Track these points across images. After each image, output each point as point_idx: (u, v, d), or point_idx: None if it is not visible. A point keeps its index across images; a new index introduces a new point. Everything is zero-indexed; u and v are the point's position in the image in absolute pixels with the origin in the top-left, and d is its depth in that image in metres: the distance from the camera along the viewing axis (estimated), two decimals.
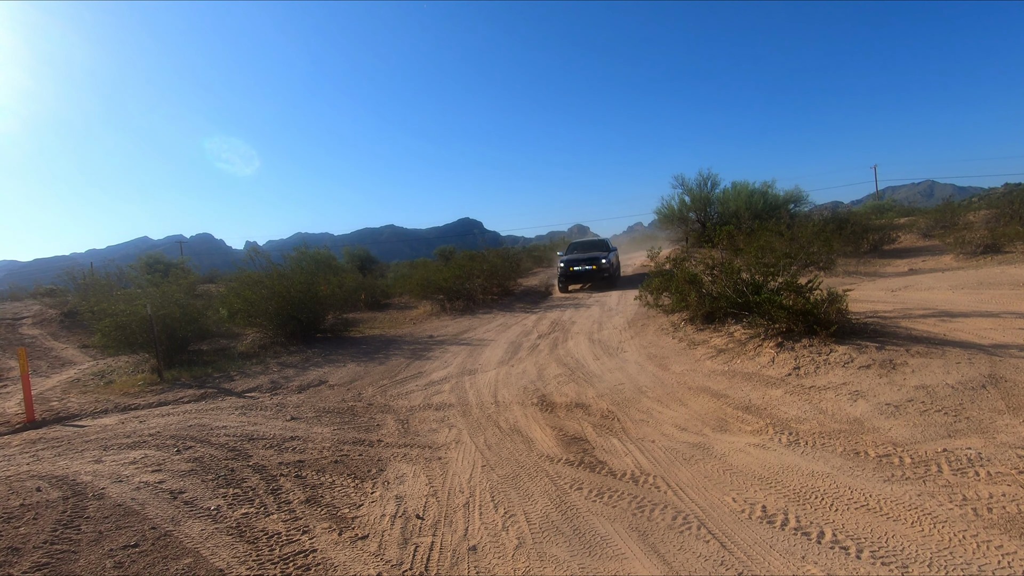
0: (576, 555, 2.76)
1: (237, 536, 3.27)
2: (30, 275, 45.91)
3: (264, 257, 12.45)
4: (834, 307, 6.03)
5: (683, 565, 2.57)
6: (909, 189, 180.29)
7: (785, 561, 2.50)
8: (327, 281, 12.81)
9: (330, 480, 4.06)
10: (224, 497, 3.85)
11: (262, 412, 6.29)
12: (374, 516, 3.42)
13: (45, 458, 5.09)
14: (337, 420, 5.77)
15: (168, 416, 6.48)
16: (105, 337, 9.77)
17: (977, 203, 25.18)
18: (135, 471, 4.47)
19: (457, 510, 3.41)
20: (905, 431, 3.83)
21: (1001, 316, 6.58)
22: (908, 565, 2.40)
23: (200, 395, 7.56)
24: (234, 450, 4.88)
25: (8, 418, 7.12)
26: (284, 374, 8.57)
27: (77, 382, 9.31)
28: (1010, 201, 17.61)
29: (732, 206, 20.04)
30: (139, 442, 5.34)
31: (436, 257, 28.04)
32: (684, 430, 4.52)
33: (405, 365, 8.65)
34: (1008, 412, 3.86)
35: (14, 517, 3.70)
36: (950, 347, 5.25)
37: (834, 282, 10.21)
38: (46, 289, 23.42)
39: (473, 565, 2.77)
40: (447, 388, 6.85)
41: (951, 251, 14.35)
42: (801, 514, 2.91)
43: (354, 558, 2.93)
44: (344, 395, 6.99)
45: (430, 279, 15.94)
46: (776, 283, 6.68)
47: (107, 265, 17.00)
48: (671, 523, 2.96)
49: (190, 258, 35.23)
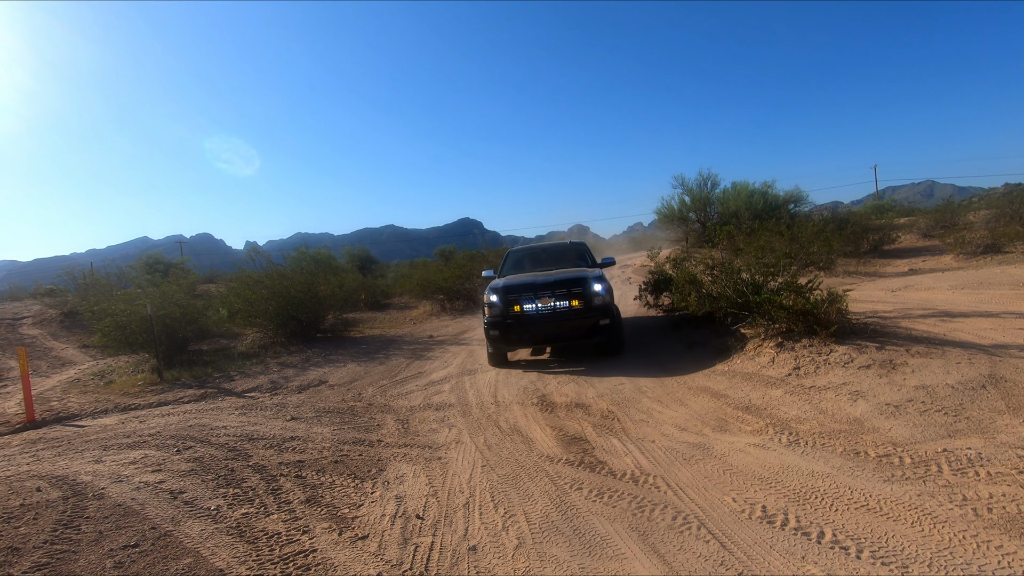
0: (576, 555, 2.76)
1: (237, 536, 3.27)
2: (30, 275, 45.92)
3: (264, 257, 12.45)
4: (834, 307, 6.03)
5: (683, 565, 2.57)
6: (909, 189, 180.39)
7: (785, 561, 2.50)
8: (327, 281, 12.82)
9: (330, 480, 4.06)
10: (224, 497, 3.84)
11: (262, 412, 6.29)
12: (374, 516, 3.42)
13: (45, 458, 5.09)
14: (337, 420, 5.77)
15: (168, 416, 6.48)
16: (105, 337, 9.77)
17: (977, 203, 25.20)
18: (135, 471, 4.47)
19: (457, 510, 3.41)
20: (905, 431, 3.83)
21: (1001, 316, 6.58)
22: (908, 565, 2.40)
23: (200, 395, 7.56)
24: (234, 450, 4.88)
25: (8, 418, 7.12)
26: (284, 374, 8.57)
27: (77, 382, 9.31)
28: (1010, 201, 17.62)
29: (732, 206, 20.05)
30: (139, 442, 5.34)
31: (436, 257, 28.06)
32: (684, 430, 4.52)
33: (405, 365, 8.65)
34: (1008, 412, 3.86)
35: (14, 517, 3.70)
36: (950, 347, 5.25)
37: (834, 282, 10.21)
38: (46, 289, 23.43)
39: (473, 565, 2.77)
40: (447, 388, 6.85)
41: (951, 251, 14.36)
42: (801, 514, 2.91)
43: (354, 558, 2.93)
44: (344, 395, 7.00)
45: (430, 279, 15.96)
46: (776, 283, 6.68)
47: (107, 265, 17.00)
48: (671, 523, 2.96)
49: (190, 258, 35.26)
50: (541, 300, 7.00)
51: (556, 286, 7.05)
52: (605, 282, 7.20)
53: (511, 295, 7.12)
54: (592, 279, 7.08)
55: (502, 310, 7.10)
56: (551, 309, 6.99)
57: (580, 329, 7.02)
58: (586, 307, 6.93)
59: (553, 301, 6.99)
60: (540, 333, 7.15)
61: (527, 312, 7.05)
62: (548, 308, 7.00)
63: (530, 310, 7.04)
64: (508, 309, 7.07)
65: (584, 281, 7.04)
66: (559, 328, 7.03)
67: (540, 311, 7.01)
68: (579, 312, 6.97)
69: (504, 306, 7.10)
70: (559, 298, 6.98)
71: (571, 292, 6.97)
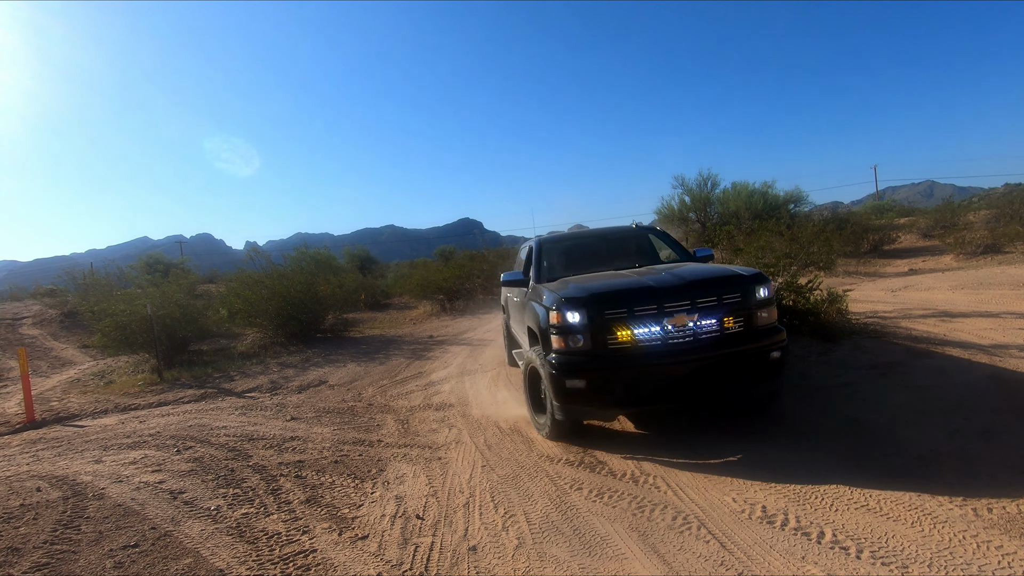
0: (576, 555, 2.76)
1: (237, 536, 3.27)
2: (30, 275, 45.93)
3: (264, 257, 12.46)
4: (834, 307, 6.04)
5: (683, 565, 2.57)
6: (909, 189, 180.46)
7: (785, 561, 2.50)
8: (327, 281, 12.83)
9: (330, 480, 4.06)
10: (224, 497, 3.85)
11: (262, 412, 6.29)
12: (374, 516, 3.42)
13: (45, 458, 5.10)
14: (337, 420, 5.77)
15: (168, 416, 6.48)
16: (105, 337, 9.79)
17: (977, 203, 25.20)
18: (135, 471, 4.47)
19: (457, 510, 3.41)
20: (905, 430, 3.83)
21: (1001, 316, 6.58)
22: (908, 565, 2.40)
23: (200, 395, 7.56)
24: (234, 450, 4.88)
25: (8, 418, 7.13)
26: (284, 374, 8.58)
27: (77, 382, 9.32)
28: (1010, 201, 17.62)
29: (732, 206, 20.05)
30: (139, 442, 5.34)
31: (436, 257, 28.06)
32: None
33: (405, 365, 8.65)
34: (1008, 412, 3.86)
35: (14, 517, 3.70)
36: (950, 347, 5.25)
37: (834, 282, 10.21)
38: (46, 289, 23.44)
39: (473, 565, 2.77)
40: (447, 388, 6.85)
41: (951, 251, 14.36)
42: (801, 514, 2.91)
43: (354, 558, 2.93)
44: (344, 395, 7.00)
45: (430, 279, 15.96)
46: (776, 283, 6.69)
47: (107, 265, 17.00)
48: (671, 523, 2.96)
49: (190, 258, 35.25)
50: (673, 319, 3.89)
51: (695, 291, 4.00)
52: (769, 284, 4.22)
53: (610, 311, 3.93)
54: (751, 278, 4.14)
55: (591, 339, 3.94)
56: (690, 335, 3.93)
57: (737, 372, 3.95)
58: (748, 329, 4.03)
59: (694, 320, 3.92)
60: (667, 383, 3.93)
61: (644, 342, 3.91)
62: (684, 333, 3.92)
63: (650, 338, 3.91)
64: (604, 337, 3.92)
65: (740, 282, 4.10)
66: (702, 372, 3.89)
67: (669, 339, 3.91)
68: (737, 339, 3.99)
69: (595, 331, 3.93)
70: (703, 314, 3.94)
71: (722, 302, 3.98)
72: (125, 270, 17.91)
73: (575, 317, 3.98)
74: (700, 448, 3.98)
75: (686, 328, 3.91)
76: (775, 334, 4.06)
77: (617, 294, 4.08)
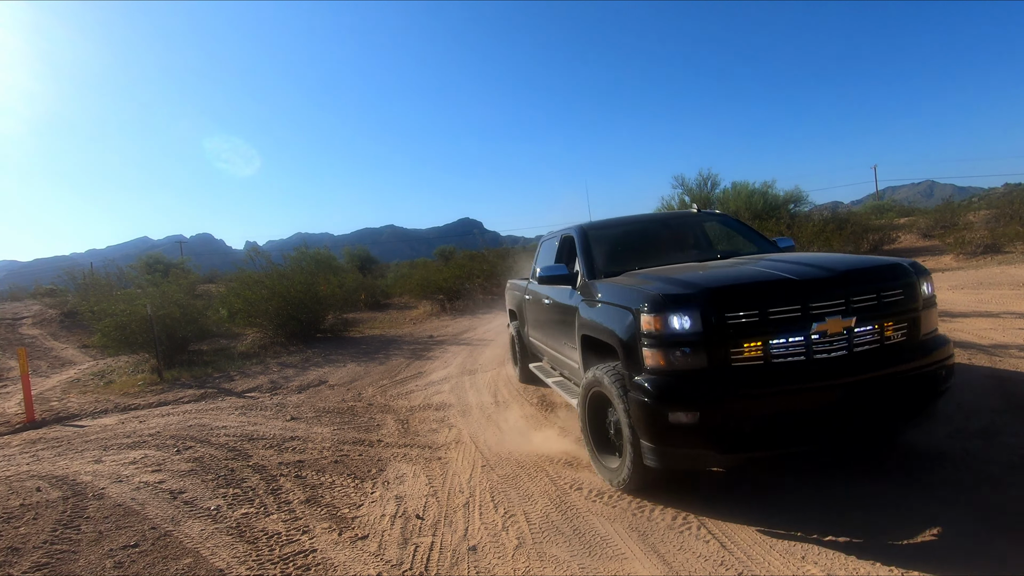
0: (576, 555, 2.76)
1: (237, 536, 3.27)
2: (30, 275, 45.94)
3: (264, 257, 12.47)
4: None
5: (683, 565, 2.57)
6: (909, 189, 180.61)
7: (785, 561, 2.50)
8: (327, 281, 12.83)
9: (330, 480, 4.06)
10: (224, 497, 3.85)
11: (262, 412, 6.29)
12: (374, 516, 3.42)
13: (45, 458, 5.10)
14: (337, 420, 5.77)
15: (168, 416, 6.48)
16: (105, 337, 9.79)
17: (977, 203, 25.20)
18: (135, 471, 4.48)
19: (457, 510, 3.41)
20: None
21: (1001, 316, 6.59)
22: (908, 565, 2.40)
23: (200, 395, 7.57)
24: (234, 450, 4.88)
25: (8, 418, 7.13)
26: (284, 374, 8.58)
27: (77, 382, 9.32)
28: (1010, 201, 17.61)
29: (732, 206, 20.05)
30: (139, 442, 5.34)
31: (436, 257, 28.05)
32: None
33: (405, 365, 8.65)
34: (1008, 412, 3.86)
35: (14, 517, 3.71)
36: None
37: None
38: (46, 289, 23.45)
39: (473, 565, 2.77)
40: (447, 388, 6.85)
41: (951, 251, 14.37)
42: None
43: (354, 558, 2.93)
44: (344, 395, 7.00)
45: (430, 279, 15.96)
46: None
47: (107, 265, 17.00)
48: (671, 523, 2.96)
49: (190, 258, 35.28)
50: (823, 324, 2.83)
51: (851, 286, 2.94)
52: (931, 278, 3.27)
53: (736, 313, 2.83)
54: (913, 269, 3.13)
55: (707, 353, 2.83)
56: (843, 347, 2.87)
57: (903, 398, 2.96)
58: (912, 339, 3.04)
59: (849, 325, 2.86)
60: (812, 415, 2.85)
61: (782, 358, 2.84)
62: (835, 345, 2.86)
63: (790, 352, 2.84)
64: (726, 350, 2.83)
65: (903, 273, 3.09)
66: (861, 398, 2.85)
67: (816, 353, 2.85)
68: (902, 352, 2.98)
69: (714, 342, 2.83)
70: (860, 318, 2.89)
71: (882, 302, 2.96)
72: (125, 270, 17.92)
73: (685, 321, 2.83)
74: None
75: (838, 337, 2.83)
76: (943, 345, 3.09)
77: (746, 289, 2.97)
